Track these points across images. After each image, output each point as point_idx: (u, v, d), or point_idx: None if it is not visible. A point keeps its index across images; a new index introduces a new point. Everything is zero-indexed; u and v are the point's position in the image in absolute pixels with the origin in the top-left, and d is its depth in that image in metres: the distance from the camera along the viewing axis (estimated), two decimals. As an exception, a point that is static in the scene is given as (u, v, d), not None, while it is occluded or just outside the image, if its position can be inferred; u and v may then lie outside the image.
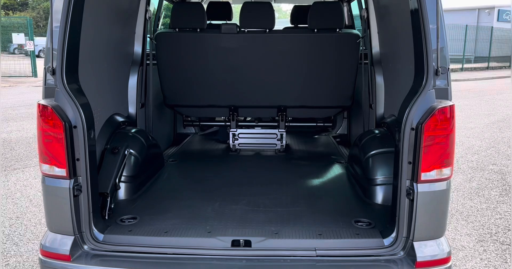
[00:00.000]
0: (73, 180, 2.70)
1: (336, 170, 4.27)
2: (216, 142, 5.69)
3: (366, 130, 4.45)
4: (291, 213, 3.13)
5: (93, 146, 2.83)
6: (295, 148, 5.35)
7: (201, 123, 5.31)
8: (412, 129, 2.60)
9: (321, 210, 3.18)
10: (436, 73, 2.62)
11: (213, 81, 4.67)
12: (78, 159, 2.72)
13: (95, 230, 2.80)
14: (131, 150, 3.60)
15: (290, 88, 4.68)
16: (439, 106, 2.58)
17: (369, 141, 3.73)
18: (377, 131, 3.85)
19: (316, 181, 3.88)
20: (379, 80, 4.24)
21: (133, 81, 4.33)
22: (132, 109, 4.32)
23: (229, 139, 5.07)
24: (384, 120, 3.98)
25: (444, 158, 2.64)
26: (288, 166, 4.40)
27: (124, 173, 3.46)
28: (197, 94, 4.80)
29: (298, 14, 6.09)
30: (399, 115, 2.77)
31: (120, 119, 3.95)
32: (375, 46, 4.31)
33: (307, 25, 6.11)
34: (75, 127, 2.70)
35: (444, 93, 2.70)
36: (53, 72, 2.71)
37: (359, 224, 2.93)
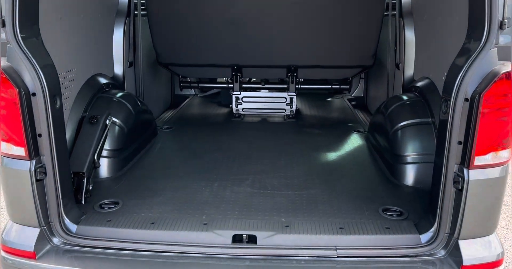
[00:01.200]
0: (34, 160, 2.16)
1: (354, 141, 3.71)
2: (217, 106, 5.10)
3: (391, 95, 3.83)
4: (305, 197, 2.60)
5: (59, 118, 2.27)
6: (306, 113, 4.76)
7: (199, 84, 4.70)
8: (466, 100, 2.00)
9: (340, 193, 2.65)
10: (501, 26, 1.99)
11: (212, 36, 4.01)
12: (40, 135, 2.17)
13: (66, 220, 2.30)
14: (114, 119, 3.04)
15: (302, 44, 4.02)
16: (503, 71, 1.97)
17: (397, 109, 3.13)
18: (406, 97, 3.24)
19: (332, 156, 3.32)
20: (409, 35, 3.57)
21: (118, 35, 3.69)
22: (118, 69, 3.72)
23: (232, 103, 4.48)
24: (414, 83, 3.36)
25: (503, 137, 2.07)
26: (299, 136, 3.84)
27: (105, 147, 2.92)
28: (194, 51, 4.15)
29: None
30: (447, 81, 2.16)
31: (103, 81, 3.36)
32: (405, -5, 3.61)
33: None
34: (33, 94, 2.13)
35: (507, 53, 2.08)
36: (3, 24, 2.10)
37: (388, 213, 2.41)
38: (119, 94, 3.32)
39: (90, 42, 3.22)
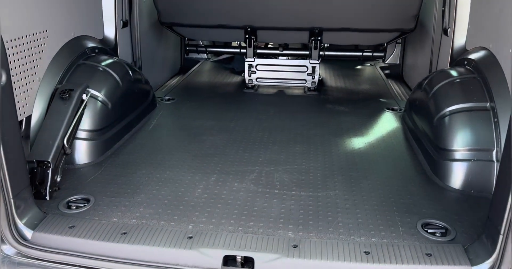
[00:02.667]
0: (-29, 154, 1.68)
1: (387, 123, 3.09)
2: (230, 73, 4.51)
3: (436, 67, 3.16)
4: (322, 202, 2.05)
5: (7, 98, 1.75)
6: (330, 84, 4.12)
7: (207, 49, 4.09)
8: None
9: (368, 198, 2.09)
10: None
11: None
12: (-24, 118, 1.67)
13: (20, 224, 1.83)
14: (95, 92, 2.51)
15: (329, 2, 3.34)
16: None
17: (445, 89, 2.48)
18: (457, 73, 2.57)
19: (359, 143, 2.73)
20: (464, -7, 2.85)
21: None
22: (109, 30, 3.16)
23: (244, 73, 3.88)
24: (467, 55, 2.68)
25: None
26: (320, 115, 3.24)
27: (82, 127, 2.41)
28: (201, 9, 3.53)
29: None
30: None
31: (87, 44, 2.81)
32: None
33: None
34: None
35: None
36: None
37: (429, 231, 1.84)
38: (105, 62, 2.77)
39: (69, -4, 2.65)
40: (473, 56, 2.59)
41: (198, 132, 2.89)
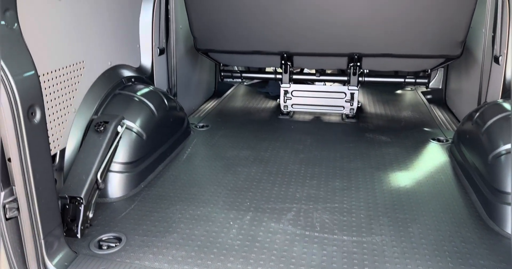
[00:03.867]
0: (3, 193, 1.63)
1: (434, 156, 2.90)
2: (264, 97, 4.43)
3: (486, 98, 2.96)
4: (367, 248, 1.89)
5: (39, 135, 1.71)
6: (369, 111, 3.96)
7: (242, 74, 4.03)
8: None
9: (418, 245, 1.91)
10: None
11: (258, 18, 3.31)
12: (9, 160, 1.63)
13: (50, 266, 1.77)
14: (130, 123, 2.47)
15: (369, 28, 3.22)
16: None
17: (500, 124, 2.29)
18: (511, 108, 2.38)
19: (404, 179, 2.56)
20: (518, 18, 2.67)
21: (146, 17, 3.09)
22: (146, 58, 3.14)
23: (279, 98, 3.79)
24: None
25: None
26: (360, 145, 3.08)
27: (116, 160, 2.36)
28: (237, 35, 3.48)
29: None
30: None
31: (124, 73, 2.79)
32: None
33: None
34: None
35: None
36: None
37: None
38: (141, 91, 2.74)
39: (107, 27, 2.64)
40: (530, 87, 2.40)
41: (232, 162, 2.79)
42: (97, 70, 2.54)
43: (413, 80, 3.66)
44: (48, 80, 2.08)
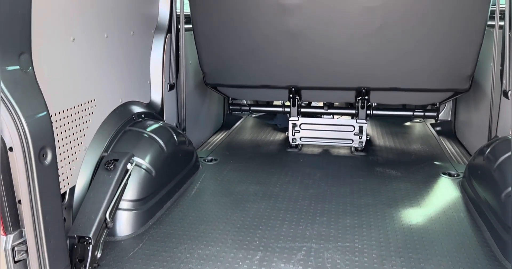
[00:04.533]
0: (12, 236, 1.63)
1: (445, 191, 2.86)
2: (273, 130, 4.44)
3: (496, 132, 2.94)
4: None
5: (49, 177, 1.72)
6: (378, 143, 3.94)
7: (251, 108, 4.06)
8: None
9: None
10: None
11: (267, 53, 3.37)
12: (19, 202, 1.63)
13: None
14: (140, 160, 2.48)
15: (376, 62, 3.25)
16: None
17: (510, 162, 2.27)
18: (525, 142, 2.36)
19: (416, 215, 2.51)
20: (525, 54, 2.68)
21: (157, 54, 3.16)
22: (156, 94, 3.18)
23: (288, 130, 3.79)
24: None
25: None
26: (370, 180, 3.06)
27: (125, 197, 2.36)
28: (246, 70, 3.53)
29: None
30: None
31: (134, 110, 2.83)
32: (522, 0, 2.71)
33: None
34: (10, 149, 1.59)
35: None
36: None
37: None
38: (151, 127, 2.76)
39: (119, 65, 2.69)
40: (541, 122, 2.38)
41: (241, 198, 2.77)
42: (108, 107, 2.57)
43: (421, 114, 3.66)
44: (60, 119, 2.10)
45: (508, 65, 2.83)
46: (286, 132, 3.85)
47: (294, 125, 3.76)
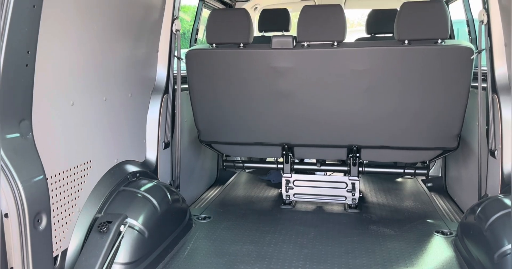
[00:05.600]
0: (0, 305, 1.60)
1: (439, 250, 2.85)
2: (267, 185, 4.46)
3: (485, 191, 2.99)
4: None
5: (43, 243, 1.72)
6: (371, 200, 3.97)
7: (245, 164, 4.11)
8: None
9: None
10: None
11: (260, 111, 3.47)
12: (12, 268, 1.62)
13: None
14: (133, 221, 2.47)
15: (367, 122, 3.35)
16: None
17: (502, 222, 2.29)
18: (513, 203, 2.40)
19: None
20: (508, 115, 2.80)
21: (153, 114, 3.24)
22: (151, 153, 3.23)
23: (281, 187, 3.82)
24: None
25: None
26: (364, 239, 3.05)
27: (117, 259, 2.33)
28: (240, 128, 3.61)
29: (376, 20, 4.75)
30: None
31: (129, 169, 2.86)
32: (501, 66, 2.87)
33: (389, 35, 4.78)
34: (6, 215, 1.60)
35: None
36: None
37: None
38: (145, 187, 2.78)
39: (116, 126, 2.76)
40: (528, 183, 2.44)
41: (235, 259, 2.74)
42: (103, 168, 2.61)
43: (412, 171, 3.72)
44: (56, 182, 2.13)
45: (493, 125, 2.94)
46: (280, 189, 3.87)
47: (288, 182, 3.79)
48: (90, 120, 2.45)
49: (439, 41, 3.02)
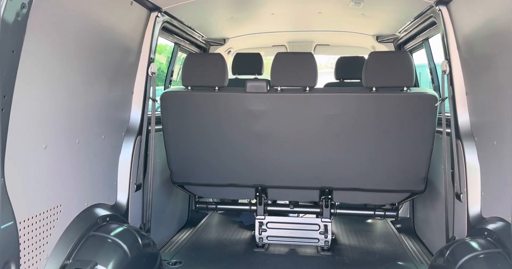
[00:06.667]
0: None
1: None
2: (239, 227, 4.42)
3: (452, 233, 3.07)
4: None
5: None
6: (343, 242, 3.99)
7: (217, 206, 4.08)
8: None
9: None
10: None
11: (234, 154, 3.51)
12: None
13: None
14: (102, 268, 2.39)
15: (338, 165, 3.44)
16: None
17: (471, 265, 2.35)
18: (479, 246, 2.48)
19: None
20: (472, 160, 2.93)
21: (126, 156, 3.22)
22: (122, 196, 3.17)
23: (254, 230, 3.79)
24: (484, 224, 2.62)
25: None
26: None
27: (84, 311, 2.23)
28: (214, 169, 3.62)
29: (345, 67, 4.97)
30: None
31: (99, 213, 2.79)
32: (463, 113, 3.04)
33: (357, 80, 4.99)
34: None
35: None
36: None
37: None
38: (115, 231, 2.71)
39: (87, 169, 2.72)
40: (492, 226, 2.53)
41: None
42: (73, 212, 2.54)
43: (382, 213, 3.80)
44: (24, 228, 2.05)
45: (458, 169, 3.06)
46: (253, 231, 3.85)
47: (261, 224, 3.78)
48: (62, 163, 2.41)
49: (405, 88, 3.19)
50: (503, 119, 2.49)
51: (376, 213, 3.81)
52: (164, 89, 3.95)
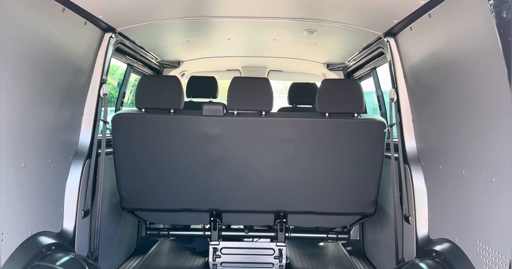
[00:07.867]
0: None
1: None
2: (192, 254, 4.30)
3: (401, 254, 3.16)
4: None
5: None
6: (298, 266, 3.99)
7: (170, 232, 3.96)
8: None
9: None
10: None
11: (189, 177, 3.44)
12: None
13: None
14: (46, 302, 2.23)
15: (292, 188, 3.47)
16: None
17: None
18: (427, 268, 2.56)
19: None
20: (419, 184, 3.06)
21: (73, 181, 3.07)
22: (68, 222, 3.01)
23: (208, 256, 3.71)
24: (432, 246, 2.73)
25: None
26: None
27: None
28: (167, 194, 3.53)
29: (298, 92, 5.09)
30: None
31: (44, 241, 2.62)
32: (410, 139, 3.19)
33: (309, 106, 5.13)
34: None
35: None
36: None
37: None
38: (61, 261, 2.55)
39: (32, 195, 2.56)
40: (439, 248, 2.63)
41: None
42: (16, 241, 2.37)
43: (334, 236, 3.85)
44: (-41, 260, 1.89)
45: (406, 193, 3.19)
46: (206, 257, 3.76)
47: (215, 250, 3.70)
48: (5, 189, 2.26)
49: (356, 115, 3.31)
50: (447, 145, 2.64)
51: (329, 236, 3.86)
52: (115, 111, 3.85)
